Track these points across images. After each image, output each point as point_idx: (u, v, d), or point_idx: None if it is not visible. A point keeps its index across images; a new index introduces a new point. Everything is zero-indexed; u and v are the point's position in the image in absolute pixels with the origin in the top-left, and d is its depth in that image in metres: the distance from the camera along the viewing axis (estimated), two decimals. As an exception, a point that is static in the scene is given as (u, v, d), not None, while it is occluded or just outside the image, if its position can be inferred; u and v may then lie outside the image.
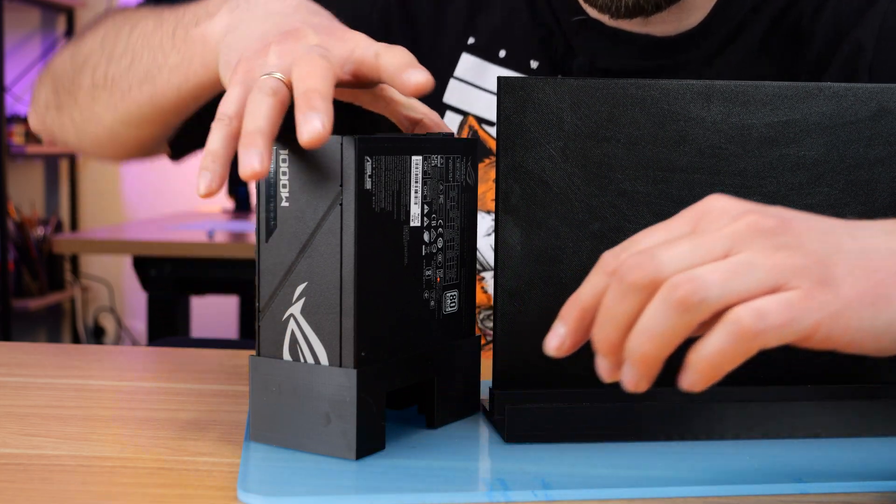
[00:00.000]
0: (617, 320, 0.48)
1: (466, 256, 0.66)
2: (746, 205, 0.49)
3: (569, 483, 0.55)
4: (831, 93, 0.63)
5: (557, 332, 0.50)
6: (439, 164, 0.63)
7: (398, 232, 0.60)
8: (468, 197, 0.66)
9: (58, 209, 3.75)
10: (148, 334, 2.57)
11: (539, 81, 0.62)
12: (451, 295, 0.65)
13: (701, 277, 0.46)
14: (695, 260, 0.46)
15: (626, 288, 0.47)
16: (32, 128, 0.96)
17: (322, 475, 0.55)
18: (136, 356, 0.95)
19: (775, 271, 0.46)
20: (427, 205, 0.62)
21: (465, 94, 0.89)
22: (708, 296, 0.46)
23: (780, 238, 0.47)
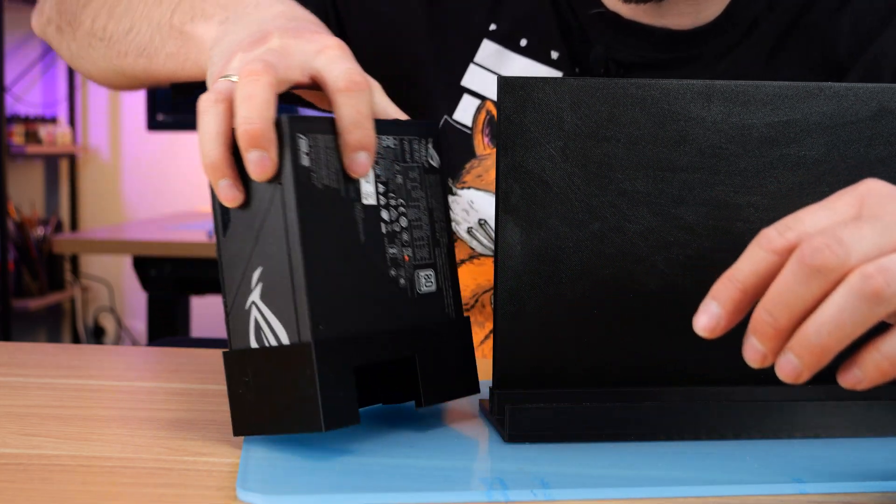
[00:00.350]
0: (792, 305, 0.45)
1: (440, 237, 0.66)
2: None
3: (569, 483, 0.55)
4: (832, 93, 0.63)
5: (710, 311, 0.47)
6: (392, 146, 0.63)
7: (348, 209, 0.60)
8: (434, 179, 0.66)
9: (58, 209, 3.75)
10: (148, 334, 2.57)
11: (539, 81, 0.62)
12: (425, 274, 0.65)
13: (888, 270, 0.43)
14: (883, 246, 0.44)
15: (810, 271, 0.44)
16: (33, 28, 0.99)
17: (322, 474, 0.55)
18: (136, 356, 0.95)
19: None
20: (382, 184, 0.62)
21: (484, 79, 0.90)
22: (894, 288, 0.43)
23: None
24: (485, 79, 0.90)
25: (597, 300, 0.63)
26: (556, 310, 0.63)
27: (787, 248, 0.46)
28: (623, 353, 0.63)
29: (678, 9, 0.86)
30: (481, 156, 0.89)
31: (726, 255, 0.62)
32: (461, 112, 0.90)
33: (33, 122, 3.43)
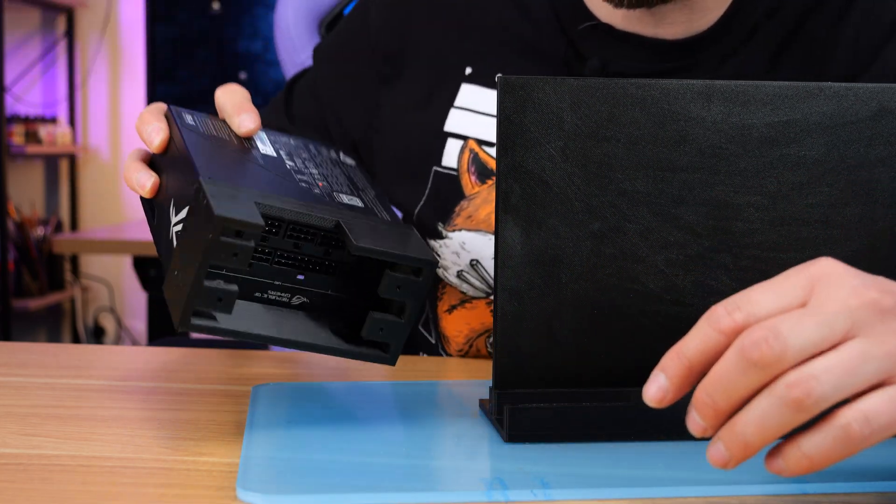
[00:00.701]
0: (730, 391, 0.47)
1: (364, 189, 0.71)
2: (860, 275, 0.49)
3: (569, 483, 0.55)
4: (832, 92, 0.63)
5: (659, 383, 0.49)
6: (298, 144, 0.74)
7: (242, 150, 0.68)
8: (349, 165, 0.75)
9: (58, 209, 3.75)
10: (148, 334, 2.57)
11: (539, 81, 0.62)
12: (346, 195, 0.68)
13: (817, 378, 0.45)
14: (819, 343, 0.46)
15: (748, 364, 0.46)
16: None
17: (322, 474, 0.55)
18: (136, 356, 0.95)
19: (888, 361, 0.46)
20: (284, 151, 0.71)
21: (465, 119, 0.90)
22: (822, 397, 0.45)
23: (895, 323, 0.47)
24: (465, 119, 0.90)
25: (597, 300, 0.63)
26: (556, 310, 0.63)
27: (733, 329, 0.47)
28: (623, 353, 0.63)
29: (671, 17, 0.85)
30: (470, 195, 0.89)
31: (726, 255, 0.62)
32: (447, 157, 0.90)
33: (33, 122, 3.43)
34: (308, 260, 0.64)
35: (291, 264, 0.63)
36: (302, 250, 0.63)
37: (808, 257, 0.63)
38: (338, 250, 0.64)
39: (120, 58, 3.73)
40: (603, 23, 0.87)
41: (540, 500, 0.53)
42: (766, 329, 0.46)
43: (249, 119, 0.71)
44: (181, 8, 2.66)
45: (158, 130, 0.70)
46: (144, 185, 0.69)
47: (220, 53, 2.65)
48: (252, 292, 0.63)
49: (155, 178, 0.69)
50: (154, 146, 0.70)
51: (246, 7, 2.63)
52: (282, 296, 0.63)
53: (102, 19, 3.70)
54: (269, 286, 0.63)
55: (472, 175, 0.88)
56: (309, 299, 0.64)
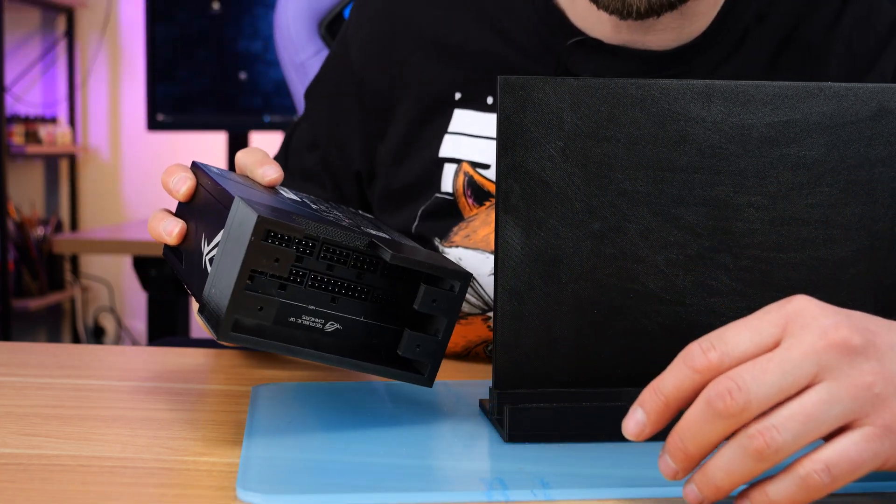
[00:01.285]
0: (699, 438, 0.49)
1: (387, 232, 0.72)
2: (834, 314, 0.49)
3: (569, 483, 0.55)
4: (832, 92, 0.63)
5: (636, 418, 0.51)
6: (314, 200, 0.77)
7: (269, 191, 0.69)
8: (366, 216, 0.77)
9: (58, 209, 3.75)
10: (148, 334, 2.57)
11: (539, 81, 0.62)
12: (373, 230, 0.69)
13: (777, 428, 0.47)
14: (784, 389, 0.47)
15: (714, 414, 0.48)
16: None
17: (322, 474, 0.55)
18: (136, 356, 0.95)
19: (854, 404, 0.47)
20: (307, 199, 0.72)
21: (458, 143, 0.90)
22: (783, 446, 0.47)
23: (866, 363, 0.48)
24: (458, 142, 0.90)
25: (597, 300, 0.63)
26: (556, 310, 0.63)
27: (707, 368, 0.49)
28: (623, 353, 0.63)
29: (663, 23, 0.84)
30: (469, 217, 0.89)
31: (726, 256, 0.62)
32: (445, 182, 0.90)
33: (33, 122, 3.42)
34: (341, 284, 0.64)
35: (325, 288, 0.63)
36: (335, 273, 0.63)
37: (808, 257, 0.63)
38: (370, 274, 0.64)
39: (120, 58, 3.73)
40: (591, 38, 0.87)
41: (540, 500, 0.53)
42: (730, 379, 0.47)
43: (273, 169, 0.72)
44: (181, 8, 2.65)
45: (185, 179, 0.71)
46: (171, 232, 0.69)
47: (220, 53, 2.65)
48: (287, 317, 0.63)
49: (182, 225, 0.70)
50: (181, 194, 0.70)
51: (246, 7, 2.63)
52: (315, 322, 0.64)
53: (102, 19, 3.70)
54: (303, 311, 0.63)
55: (469, 198, 0.88)
56: (342, 326, 0.64)
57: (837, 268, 0.63)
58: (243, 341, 0.59)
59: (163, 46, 2.66)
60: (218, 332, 0.58)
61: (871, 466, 0.48)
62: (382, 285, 0.65)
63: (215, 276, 0.60)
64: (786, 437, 0.47)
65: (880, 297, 0.64)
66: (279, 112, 2.63)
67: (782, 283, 0.63)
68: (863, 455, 0.47)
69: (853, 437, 0.47)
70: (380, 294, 0.65)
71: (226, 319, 0.58)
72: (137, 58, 3.61)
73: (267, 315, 0.58)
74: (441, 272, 0.62)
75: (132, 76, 3.70)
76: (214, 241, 0.63)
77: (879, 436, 0.47)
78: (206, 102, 2.66)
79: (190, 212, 0.71)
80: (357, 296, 0.64)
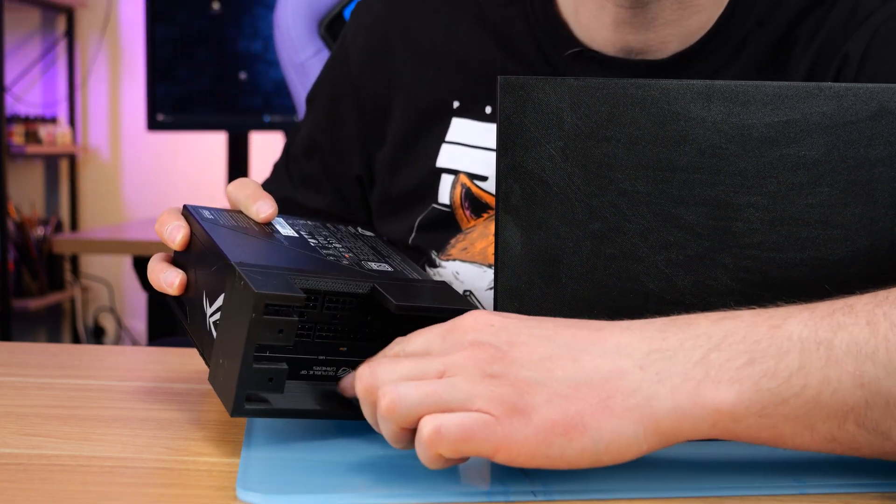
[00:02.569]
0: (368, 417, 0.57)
1: (389, 257, 0.71)
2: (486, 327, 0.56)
3: (569, 483, 0.55)
4: (832, 93, 0.63)
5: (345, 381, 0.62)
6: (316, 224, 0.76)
7: (265, 236, 0.68)
8: (369, 236, 0.75)
9: (58, 209, 3.75)
10: (148, 334, 2.57)
11: (539, 81, 0.62)
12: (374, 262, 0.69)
13: (399, 394, 0.53)
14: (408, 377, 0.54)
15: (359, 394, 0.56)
16: None
17: (322, 474, 0.55)
18: (136, 356, 0.95)
19: (473, 394, 0.52)
20: (304, 230, 0.73)
21: (456, 153, 0.89)
22: (403, 407, 0.53)
23: (492, 366, 0.54)
24: (455, 153, 0.90)
25: (597, 300, 0.63)
26: (556, 310, 0.63)
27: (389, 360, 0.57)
28: (623, 353, 0.63)
29: (662, 17, 0.83)
30: (467, 229, 0.89)
31: (726, 256, 0.62)
32: (442, 193, 0.90)
33: (33, 122, 3.43)
34: (348, 329, 0.64)
35: (332, 336, 0.63)
36: (341, 321, 0.63)
37: (808, 257, 0.63)
38: (376, 315, 0.64)
39: (120, 58, 3.73)
40: (589, 49, 0.86)
41: (540, 500, 0.53)
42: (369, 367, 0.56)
43: (266, 205, 0.72)
44: (181, 8, 2.65)
45: (178, 228, 0.71)
46: (173, 283, 0.69)
47: (220, 53, 2.65)
48: (298, 371, 0.63)
49: (182, 275, 0.70)
50: (176, 243, 0.70)
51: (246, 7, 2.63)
52: (327, 370, 0.64)
53: (102, 19, 3.70)
54: (313, 362, 0.63)
55: (467, 210, 0.88)
56: (353, 369, 0.64)
57: (837, 268, 0.63)
58: (257, 414, 0.59)
59: (163, 46, 2.66)
60: (231, 411, 0.57)
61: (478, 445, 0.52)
62: (390, 324, 0.64)
63: (221, 347, 0.60)
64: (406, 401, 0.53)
65: (880, 297, 0.64)
66: (279, 112, 2.63)
67: (782, 283, 0.63)
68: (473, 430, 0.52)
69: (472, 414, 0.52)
70: (388, 333, 0.64)
71: (237, 398, 0.57)
72: (137, 58, 3.61)
73: (277, 385, 0.58)
74: (447, 313, 0.62)
75: (132, 76, 3.70)
76: (216, 304, 0.62)
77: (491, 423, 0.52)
78: (206, 102, 2.66)
79: (187, 260, 0.70)
80: (365, 338, 0.65)
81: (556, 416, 0.52)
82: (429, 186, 0.90)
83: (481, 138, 0.89)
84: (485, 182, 0.88)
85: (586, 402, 0.52)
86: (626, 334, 0.55)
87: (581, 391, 0.52)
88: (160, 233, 0.72)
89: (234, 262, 0.59)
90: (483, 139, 0.89)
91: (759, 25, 0.86)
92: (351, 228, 0.79)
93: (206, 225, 0.67)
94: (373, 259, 0.68)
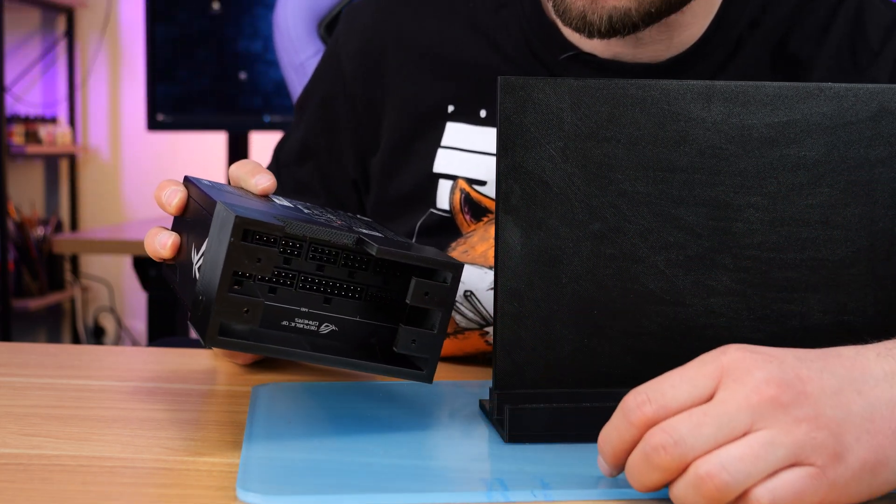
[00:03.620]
0: (644, 484, 0.51)
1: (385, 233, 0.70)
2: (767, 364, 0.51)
3: (569, 483, 0.55)
4: (832, 93, 0.63)
5: (603, 468, 0.54)
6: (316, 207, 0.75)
7: (261, 198, 0.68)
8: (367, 219, 0.75)
9: (58, 209, 3.75)
10: (148, 334, 2.57)
11: (539, 82, 0.62)
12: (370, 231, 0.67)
13: (724, 469, 0.49)
14: (719, 441, 0.49)
15: (651, 466, 0.50)
16: None
17: (322, 474, 0.55)
18: (136, 356, 0.95)
19: (795, 447, 0.49)
20: (302, 205, 0.71)
21: (453, 158, 0.89)
22: (733, 485, 0.49)
23: (799, 411, 0.50)
24: (452, 158, 0.89)
25: (597, 300, 0.63)
26: (556, 310, 0.63)
27: (643, 422, 0.51)
28: (622, 353, 0.63)
29: (648, 38, 0.84)
30: (467, 233, 0.88)
31: (726, 256, 0.62)
32: (440, 199, 0.90)
33: (33, 122, 3.42)
34: (333, 284, 0.64)
35: (316, 289, 0.63)
36: (326, 273, 0.63)
37: (808, 258, 0.63)
38: (362, 272, 0.64)
39: (120, 58, 3.73)
40: (583, 52, 0.86)
41: (540, 501, 0.53)
42: (666, 433, 0.50)
43: (265, 178, 0.72)
44: (181, 8, 2.65)
45: (175, 192, 0.71)
46: (165, 244, 0.69)
47: (220, 53, 2.65)
48: (279, 321, 0.63)
49: (175, 237, 0.70)
50: (172, 206, 0.71)
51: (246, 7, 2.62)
52: (309, 324, 0.63)
53: (102, 19, 3.70)
54: (295, 313, 0.63)
55: (467, 215, 0.88)
56: (337, 327, 0.64)
57: (837, 268, 0.63)
58: (232, 346, 0.58)
59: (163, 46, 2.65)
60: (205, 338, 0.57)
61: (811, 501, 0.50)
62: (375, 283, 0.64)
63: (201, 282, 0.60)
64: (736, 477, 0.49)
65: (880, 297, 0.64)
66: (279, 112, 2.63)
67: (782, 283, 0.63)
68: (806, 488, 0.49)
69: (798, 472, 0.49)
70: (373, 292, 0.64)
71: (212, 324, 0.57)
72: (137, 58, 3.61)
73: (252, 317, 0.57)
74: (432, 264, 0.62)
75: (132, 76, 3.70)
76: (202, 249, 0.63)
77: (818, 476, 0.50)
78: (206, 102, 2.66)
79: (183, 226, 0.70)
80: (350, 295, 0.64)
81: (867, 455, 0.51)
82: (426, 191, 0.90)
83: (478, 142, 0.88)
84: (483, 186, 0.88)
85: (883, 435, 0.51)
86: (886, 362, 0.53)
87: (876, 424, 0.51)
88: (158, 197, 0.72)
89: (221, 201, 0.60)
90: (479, 143, 0.88)
91: (752, 27, 0.86)
92: (349, 213, 0.79)
93: (205, 187, 0.68)
94: (365, 228, 0.68)
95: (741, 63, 0.86)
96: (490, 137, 0.88)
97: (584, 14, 0.78)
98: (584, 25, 0.79)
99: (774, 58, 0.86)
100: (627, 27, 0.79)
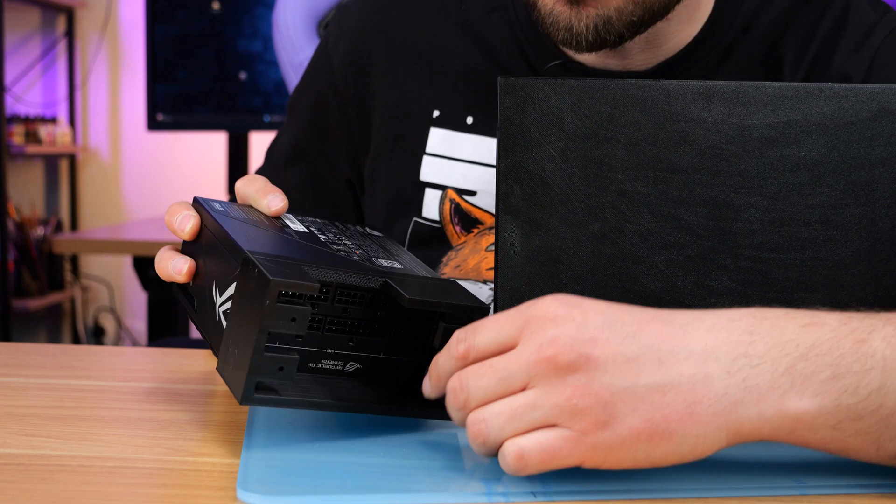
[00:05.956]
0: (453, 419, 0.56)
1: (398, 254, 0.71)
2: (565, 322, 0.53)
3: (568, 483, 0.55)
4: (832, 93, 0.63)
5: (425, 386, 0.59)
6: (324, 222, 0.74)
7: (275, 229, 0.67)
8: (376, 236, 0.74)
9: (58, 209, 3.75)
10: (148, 334, 2.57)
11: (539, 82, 0.62)
12: (384, 260, 0.68)
13: (485, 421, 0.53)
14: (497, 394, 0.54)
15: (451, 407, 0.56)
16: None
17: (322, 475, 0.55)
18: (136, 356, 0.95)
19: (553, 410, 0.52)
20: (314, 226, 0.72)
21: (440, 167, 0.89)
22: (489, 436, 0.53)
23: (571, 375, 0.52)
24: (440, 167, 0.89)
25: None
26: (556, 310, 0.62)
27: (458, 357, 0.56)
28: (623, 354, 0.63)
29: (631, 49, 0.84)
30: (457, 245, 0.88)
31: (726, 256, 0.62)
32: (427, 208, 0.89)
33: (33, 122, 3.43)
34: (358, 324, 0.64)
35: (342, 330, 0.63)
36: (351, 315, 0.63)
37: (808, 258, 0.63)
38: (386, 311, 0.64)
39: (120, 58, 3.73)
40: (572, 60, 0.86)
41: (540, 501, 0.53)
42: (459, 379, 0.55)
43: (277, 199, 0.71)
44: (181, 8, 2.65)
45: (189, 217, 0.69)
46: (181, 270, 0.69)
47: (220, 53, 2.64)
48: (306, 363, 0.63)
49: (190, 262, 0.69)
50: (186, 232, 0.69)
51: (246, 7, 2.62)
52: (335, 364, 0.64)
53: (102, 19, 3.70)
54: (321, 355, 0.63)
55: (457, 226, 0.88)
56: (362, 365, 0.64)
57: (837, 268, 0.63)
58: (266, 403, 0.58)
59: (163, 46, 2.65)
60: (240, 399, 0.57)
61: (562, 462, 0.52)
62: (400, 321, 0.64)
63: (231, 335, 0.59)
64: (492, 429, 0.53)
65: (880, 298, 0.64)
66: (279, 112, 2.63)
67: (782, 283, 0.63)
68: (555, 449, 0.52)
69: (552, 432, 0.52)
70: (398, 329, 0.64)
71: (247, 386, 0.57)
72: (137, 58, 3.61)
73: (288, 373, 0.58)
74: (458, 309, 0.62)
75: (132, 76, 3.70)
76: (227, 293, 0.62)
77: (573, 439, 0.52)
78: (206, 102, 2.66)
79: (196, 250, 0.70)
80: (374, 334, 0.64)
81: (641, 425, 0.52)
82: (411, 198, 0.90)
83: (464, 151, 0.88)
84: (473, 196, 0.87)
85: (672, 409, 0.52)
86: (713, 336, 0.54)
87: (667, 397, 0.52)
88: (169, 223, 0.71)
89: (246, 251, 0.59)
90: (465, 151, 0.88)
91: (743, 32, 0.85)
92: (359, 228, 0.78)
93: (218, 216, 0.67)
94: (382, 257, 0.68)
95: (732, 68, 0.85)
96: (477, 145, 0.88)
97: (571, 25, 0.78)
98: (572, 37, 0.78)
99: (765, 62, 0.85)
100: (613, 36, 0.78)
